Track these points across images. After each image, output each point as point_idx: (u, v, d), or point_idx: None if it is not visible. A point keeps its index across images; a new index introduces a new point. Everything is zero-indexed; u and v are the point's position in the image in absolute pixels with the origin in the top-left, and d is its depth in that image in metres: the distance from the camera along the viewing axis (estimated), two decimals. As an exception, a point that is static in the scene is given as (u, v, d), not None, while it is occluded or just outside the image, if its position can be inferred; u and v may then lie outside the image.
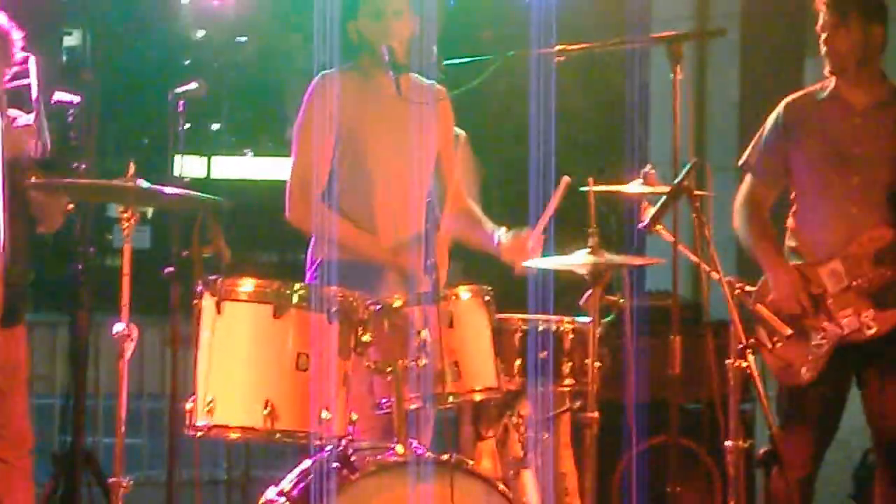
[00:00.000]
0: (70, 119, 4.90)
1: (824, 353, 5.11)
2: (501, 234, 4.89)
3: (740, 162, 5.38)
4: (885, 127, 5.20)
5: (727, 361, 4.48)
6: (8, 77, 4.90)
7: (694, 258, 4.53)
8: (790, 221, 5.31)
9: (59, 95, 5.05)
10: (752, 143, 5.37)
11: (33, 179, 4.79)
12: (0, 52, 5.03)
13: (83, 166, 4.96)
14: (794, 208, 5.30)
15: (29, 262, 5.06)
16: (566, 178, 4.80)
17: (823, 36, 5.18)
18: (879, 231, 5.16)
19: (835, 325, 5.12)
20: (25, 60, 4.95)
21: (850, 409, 5.28)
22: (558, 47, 4.67)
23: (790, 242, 5.29)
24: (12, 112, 4.89)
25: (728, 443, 4.55)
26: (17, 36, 5.06)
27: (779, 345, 4.92)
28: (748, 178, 5.34)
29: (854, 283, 5.10)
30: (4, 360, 5.05)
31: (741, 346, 4.39)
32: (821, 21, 5.18)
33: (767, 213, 5.35)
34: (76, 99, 4.98)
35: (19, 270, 4.93)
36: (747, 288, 4.66)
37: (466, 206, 5.06)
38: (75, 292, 5.71)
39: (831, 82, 5.26)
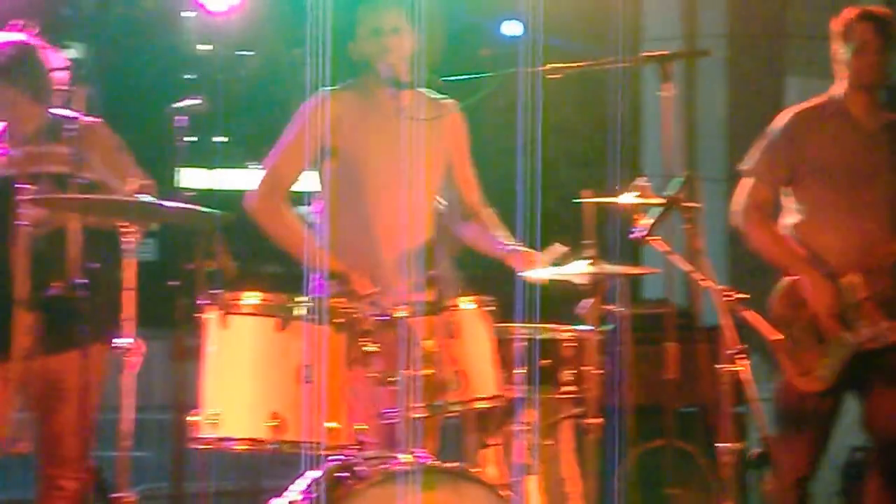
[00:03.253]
0: (71, 134, 4.94)
1: (843, 360, 5.22)
2: (509, 244, 4.95)
3: (743, 167, 5.45)
4: (887, 148, 5.34)
5: (720, 366, 4.57)
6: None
7: (686, 267, 4.60)
8: (791, 230, 5.38)
9: (60, 111, 5.12)
10: (757, 150, 5.44)
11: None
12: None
13: (85, 182, 5.00)
14: (798, 218, 5.38)
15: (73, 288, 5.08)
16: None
17: (853, 52, 5.29)
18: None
19: (853, 334, 5.23)
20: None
21: (836, 408, 5.39)
22: (552, 66, 4.75)
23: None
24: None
25: (722, 445, 4.60)
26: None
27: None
28: (750, 183, 5.41)
29: (871, 295, 5.22)
30: (53, 377, 5.06)
31: (733, 351, 4.47)
32: (855, 39, 5.29)
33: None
34: (76, 114, 5.04)
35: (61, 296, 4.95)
36: (737, 295, 4.74)
37: (478, 210, 5.11)
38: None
39: (837, 99, 5.38)
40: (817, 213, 5.34)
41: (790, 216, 5.43)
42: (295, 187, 4.94)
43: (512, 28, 9.81)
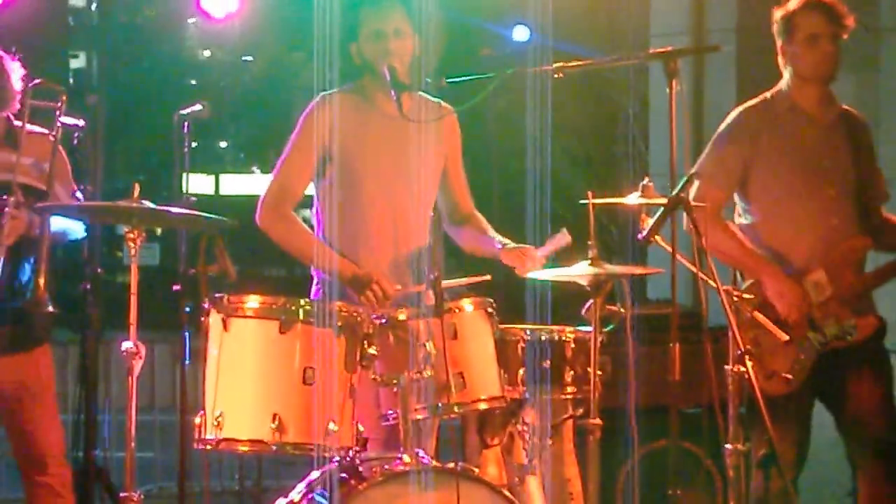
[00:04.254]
0: (76, 142, 4.96)
1: (809, 361, 5.17)
2: (505, 242, 4.94)
3: (693, 170, 5.17)
4: (843, 141, 5.25)
5: (726, 367, 4.56)
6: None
7: (692, 268, 4.58)
8: (746, 231, 5.27)
9: (66, 119, 5.12)
10: (707, 151, 5.33)
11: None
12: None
13: (89, 188, 5.03)
14: (753, 217, 5.27)
15: (44, 288, 5.12)
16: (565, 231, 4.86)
17: (804, 44, 5.17)
18: (860, 240, 5.23)
19: (819, 333, 5.18)
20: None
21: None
22: (557, 64, 4.71)
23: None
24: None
25: (728, 446, 4.63)
26: (13, 66, 5.10)
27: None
28: (700, 186, 5.11)
29: (836, 292, 5.17)
30: (23, 382, 5.12)
31: (740, 351, 4.45)
32: (809, 29, 5.17)
33: None
34: (81, 122, 5.06)
35: (33, 298, 4.99)
36: (744, 296, 4.72)
37: (471, 213, 5.10)
38: (85, 311, 5.77)
39: (785, 93, 5.27)
40: (775, 211, 5.24)
41: (744, 217, 5.33)
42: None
43: (520, 33, 9.78)
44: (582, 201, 4.85)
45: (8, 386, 5.11)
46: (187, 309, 5.17)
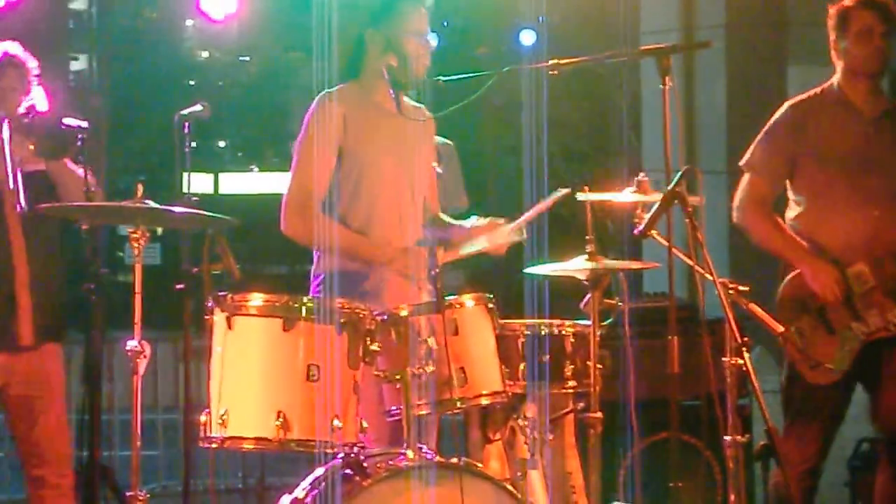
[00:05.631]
0: (79, 143, 4.99)
1: (853, 351, 5.22)
2: (473, 220, 4.99)
3: (742, 162, 5.42)
4: (890, 134, 5.32)
5: (724, 359, 4.59)
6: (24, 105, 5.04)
7: (688, 261, 4.62)
8: (794, 223, 5.37)
9: (68, 121, 5.15)
10: (756, 143, 5.42)
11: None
12: (18, 80, 5.17)
13: (92, 189, 5.05)
14: (800, 209, 5.36)
15: (58, 283, 5.17)
16: (566, 190, 4.89)
17: (855, 40, 5.27)
18: None
19: (863, 324, 5.23)
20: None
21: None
22: (551, 61, 4.76)
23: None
24: None
25: (727, 437, 4.65)
26: (32, 65, 5.21)
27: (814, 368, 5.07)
28: (750, 177, 5.38)
29: (879, 283, 5.21)
30: (36, 376, 5.15)
31: (737, 343, 4.48)
32: (862, 25, 5.27)
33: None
34: (84, 124, 5.09)
35: (49, 290, 5.03)
36: (740, 288, 4.76)
37: (437, 215, 5.12)
38: (88, 311, 5.80)
39: (834, 88, 5.36)
40: (821, 203, 5.32)
41: (793, 209, 5.42)
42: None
43: (527, 38, 9.79)
44: (579, 196, 4.90)
45: (33, 379, 5.16)
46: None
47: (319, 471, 4.38)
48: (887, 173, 5.30)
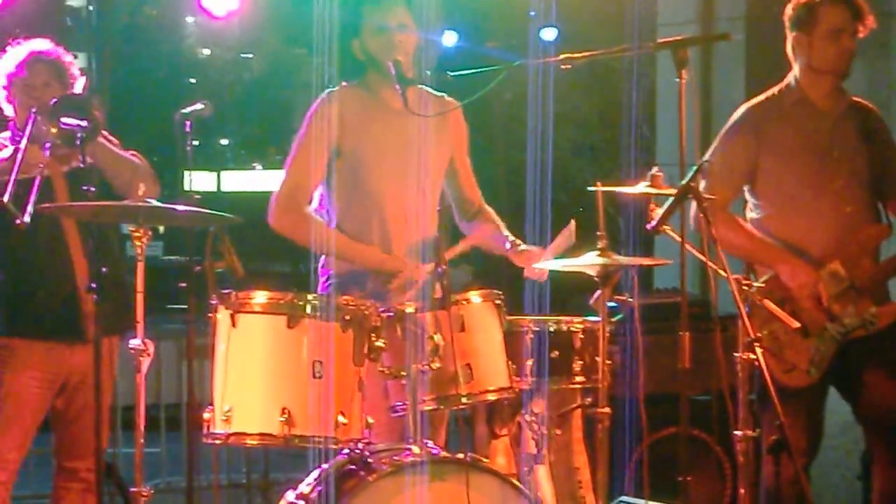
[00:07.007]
0: (79, 142, 4.96)
1: (829, 353, 5.16)
2: (515, 242, 4.94)
3: (698, 165, 5.27)
4: (853, 131, 5.23)
5: (735, 354, 4.56)
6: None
7: (701, 257, 4.56)
8: (757, 225, 5.27)
9: (68, 119, 5.12)
10: (713, 148, 5.30)
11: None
12: (51, 76, 5.17)
13: (93, 189, 5.04)
14: (764, 212, 5.26)
15: (117, 278, 5.13)
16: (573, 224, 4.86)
17: (825, 38, 5.14)
18: (876, 228, 5.22)
19: (838, 324, 5.16)
20: None
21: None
22: (564, 55, 4.68)
23: None
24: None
25: (737, 432, 4.63)
26: (67, 59, 5.24)
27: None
28: (707, 183, 5.04)
29: (854, 281, 5.15)
30: (91, 370, 5.10)
31: (750, 339, 4.43)
32: (833, 23, 5.14)
33: None
34: (84, 123, 5.06)
35: (109, 286, 4.99)
36: (754, 284, 4.71)
37: (481, 208, 5.11)
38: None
39: (792, 87, 5.25)
40: (788, 204, 5.22)
41: (754, 212, 5.31)
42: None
43: (548, 34, 9.73)
44: (590, 188, 4.85)
45: (74, 373, 5.16)
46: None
47: (324, 466, 4.36)
48: (853, 169, 5.21)
